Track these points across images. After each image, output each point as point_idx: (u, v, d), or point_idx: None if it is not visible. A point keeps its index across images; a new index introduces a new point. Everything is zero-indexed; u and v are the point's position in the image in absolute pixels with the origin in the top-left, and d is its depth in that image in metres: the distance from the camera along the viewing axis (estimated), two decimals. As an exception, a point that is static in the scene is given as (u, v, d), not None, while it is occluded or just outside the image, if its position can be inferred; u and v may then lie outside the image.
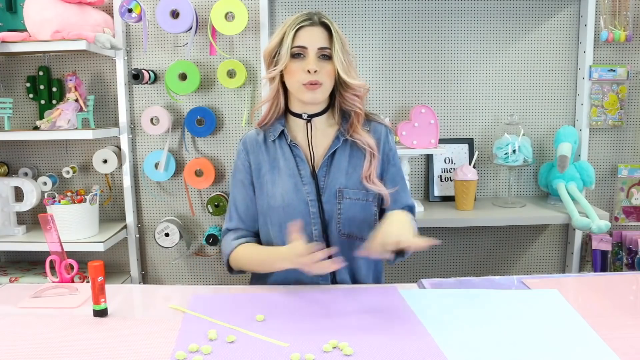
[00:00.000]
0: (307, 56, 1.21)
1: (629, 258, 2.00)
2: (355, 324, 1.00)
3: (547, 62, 2.05)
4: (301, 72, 1.21)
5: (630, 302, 1.15)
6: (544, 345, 0.91)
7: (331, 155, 1.28)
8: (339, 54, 1.21)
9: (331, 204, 1.25)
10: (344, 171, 1.27)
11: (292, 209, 1.25)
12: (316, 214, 1.25)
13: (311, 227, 1.25)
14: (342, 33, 1.24)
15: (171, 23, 1.88)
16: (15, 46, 1.76)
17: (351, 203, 1.26)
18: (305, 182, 1.26)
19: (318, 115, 1.29)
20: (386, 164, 1.31)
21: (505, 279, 1.27)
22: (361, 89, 1.25)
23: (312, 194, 1.25)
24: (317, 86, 1.21)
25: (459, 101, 2.07)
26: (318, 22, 1.22)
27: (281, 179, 1.27)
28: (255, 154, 1.31)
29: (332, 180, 1.26)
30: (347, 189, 1.26)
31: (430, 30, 2.03)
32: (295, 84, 1.23)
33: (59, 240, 1.19)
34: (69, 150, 2.10)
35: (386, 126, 1.34)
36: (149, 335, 0.96)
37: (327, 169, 1.27)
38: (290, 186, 1.26)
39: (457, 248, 2.15)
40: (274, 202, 1.26)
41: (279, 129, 1.29)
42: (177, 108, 2.05)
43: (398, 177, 1.32)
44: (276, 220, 1.27)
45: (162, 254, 2.14)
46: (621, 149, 2.08)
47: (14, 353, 0.90)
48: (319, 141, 1.30)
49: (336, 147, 1.27)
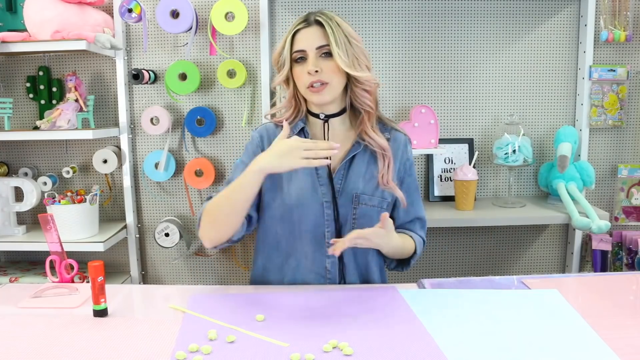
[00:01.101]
0: (308, 58, 1.20)
1: (629, 258, 2.00)
2: (355, 324, 1.00)
3: (547, 62, 2.05)
4: (305, 75, 1.20)
5: (630, 302, 1.16)
6: (544, 345, 0.91)
7: (350, 159, 1.26)
8: (339, 48, 1.18)
9: (346, 208, 1.24)
10: (361, 177, 1.25)
11: (306, 208, 1.23)
12: (331, 216, 1.24)
13: (324, 228, 1.24)
14: (346, 26, 1.21)
15: (171, 23, 1.88)
16: (15, 46, 1.75)
17: (367, 209, 1.25)
18: (321, 183, 1.24)
19: (335, 116, 1.28)
20: (403, 173, 1.31)
21: (505, 279, 1.27)
22: (369, 83, 1.23)
23: (327, 195, 1.24)
24: (323, 87, 1.20)
25: (459, 101, 2.07)
26: (313, 22, 1.20)
27: (297, 176, 1.25)
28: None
29: (349, 185, 1.25)
30: (364, 195, 1.25)
31: (430, 30, 2.03)
32: (303, 88, 1.22)
33: (59, 240, 1.19)
34: (69, 150, 2.10)
35: (406, 135, 1.34)
36: (149, 335, 0.96)
37: (344, 173, 1.26)
38: (307, 185, 1.24)
39: (457, 248, 2.15)
40: (289, 200, 1.24)
41: (300, 125, 1.28)
42: (177, 108, 2.05)
43: (413, 188, 1.33)
44: (289, 217, 1.25)
45: (162, 254, 2.14)
46: (621, 149, 2.08)
47: (14, 353, 0.90)
48: (337, 143, 1.29)
49: (356, 151, 1.26)
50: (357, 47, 1.21)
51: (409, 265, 1.32)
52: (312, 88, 1.20)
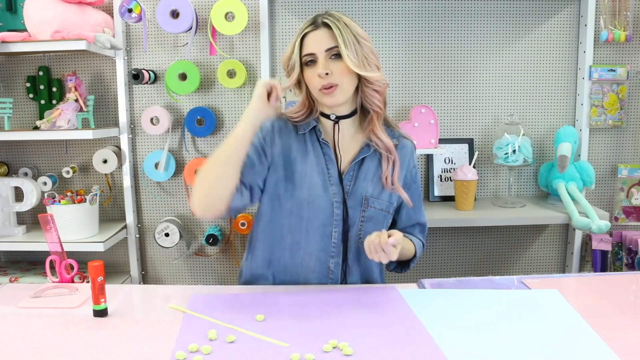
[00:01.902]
0: (317, 61, 1.19)
1: (629, 258, 2.00)
2: (355, 324, 1.00)
3: (547, 62, 2.05)
4: (315, 78, 1.19)
5: (630, 302, 1.15)
6: (544, 345, 0.91)
7: (359, 162, 1.27)
8: (348, 49, 1.17)
9: (355, 210, 1.25)
10: (371, 180, 1.26)
11: (316, 205, 1.23)
12: (339, 217, 1.24)
13: (332, 228, 1.24)
14: (355, 26, 1.21)
15: (171, 23, 1.88)
16: (15, 46, 1.76)
17: (375, 212, 1.26)
18: (332, 183, 1.25)
19: (345, 118, 1.28)
20: (409, 179, 1.32)
21: (505, 279, 1.27)
22: (379, 83, 1.23)
23: (338, 195, 1.24)
24: (334, 88, 1.19)
25: (459, 101, 2.07)
26: (321, 24, 1.20)
27: (310, 172, 1.24)
28: (285, 137, 1.27)
29: (359, 187, 1.25)
30: (373, 198, 1.25)
31: (431, 30, 2.03)
32: (315, 91, 1.22)
33: (59, 240, 1.19)
34: (69, 150, 2.10)
35: (412, 142, 1.34)
36: (149, 335, 0.96)
37: (353, 174, 1.26)
38: (319, 183, 1.24)
39: (457, 248, 2.15)
40: (300, 194, 1.24)
41: (312, 124, 1.27)
42: (177, 108, 2.05)
43: (416, 195, 1.34)
44: (297, 212, 1.24)
45: (162, 254, 2.14)
46: (621, 149, 2.08)
47: (14, 353, 0.90)
48: (347, 145, 1.28)
49: (366, 154, 1.26)
50: (366, 46, 1.21)
51: (408, 267, 1.33)
52: (323, 90, 1.20)
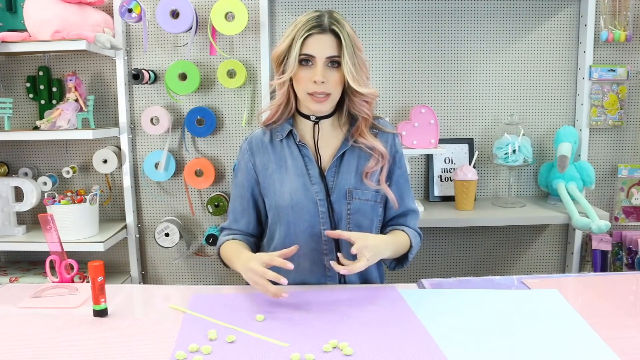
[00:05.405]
0: (315, 64, 1.18)
1: (629, 258, 2.00)
2: (355, 324, 1.00)
3: (547, 62, 2.05)
4: (308, 81, 1.18)
5: (630, 302, 1.15)
6: (544, 345, 0.91)
7: (340, 156, 1.27)
8: (349, 63, 1.17)
9: (340, 204, 1.25)
10: (353, 172, 1.26)
11: (300, 207, 1.24)
12: (325, 214, 1.25)
13: (320, 226, 1.25)
14: (354, 35, 1.20)
15: (171, 23, 1.88)
16: (15, 46, 1.76)
17: (361, 204, 1.26)
18: (314, 182, 1.25)
19: (326, 118, 1.28)
20: (392, 165, 1.31)
21: (505, 279, 1.27)
22: (372, 96, 1.23)
23: (320, 193, 1.24)
24: (326, 97, 1.19)
25: (459, 101, 2.07)
26: (328, 29, 1.17)
27: (289, 178, 1.26)
28: (261, 155, 1.30)
29: (342, 181, 1.25)
30: (357, 190, 1.25)
31: (431, 30, 2.03)
32: (302, 93, 1.21)
33: (59, 240, 1.19)
34: (69, 150, 2.10)
35: (392, 132, 1.32)
36: (149, 335, 0.96)
37: (336, 169, 1.26)
38: (299, 185, 1.25)
39: (457, 248, 2.15)
40: (282, 201, 1.25)
41: (287, 128, 1.28)
42: (177, 108, 2.05)
43: (402, 180, 1.32)
44: (285, 219, 1.26)
45: (162, 254, 2.14)
46: (621, 149, 2.08)
47: (14, 353, 0.90)
48: (327, 142, 1.29)
49: (346, 148, 1.27)
50: (360, 58, 1.20)
51: (407, 260, 1.30)
52: (314, 97, 1.19)
